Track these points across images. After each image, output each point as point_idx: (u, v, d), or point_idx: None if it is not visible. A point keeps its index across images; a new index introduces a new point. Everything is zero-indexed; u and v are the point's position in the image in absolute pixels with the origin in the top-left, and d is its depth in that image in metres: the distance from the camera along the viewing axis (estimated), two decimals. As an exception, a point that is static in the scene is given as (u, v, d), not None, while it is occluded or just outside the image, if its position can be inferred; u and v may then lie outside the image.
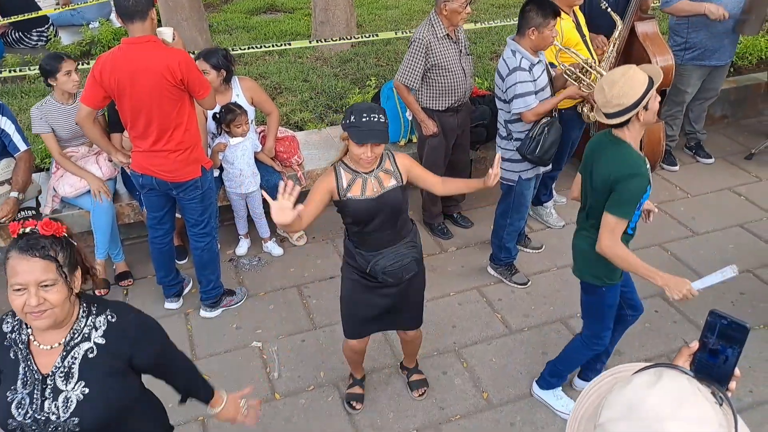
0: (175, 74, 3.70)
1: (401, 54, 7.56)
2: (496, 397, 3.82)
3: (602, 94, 2.96)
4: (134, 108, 3.79)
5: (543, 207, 5.33)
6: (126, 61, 3.70)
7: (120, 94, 3.76)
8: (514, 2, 9.56)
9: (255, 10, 9.71)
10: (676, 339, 4.12)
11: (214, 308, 4.48)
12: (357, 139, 2.91)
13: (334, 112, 6.38)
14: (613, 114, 2.95)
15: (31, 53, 7.66)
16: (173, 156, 3.93)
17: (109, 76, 3.72)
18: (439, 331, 4.30)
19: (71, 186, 4.58)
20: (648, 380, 1.30)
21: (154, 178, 4.00)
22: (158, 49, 3.72)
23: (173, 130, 3.87)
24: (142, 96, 3.73)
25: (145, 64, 3.67)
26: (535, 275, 4.77)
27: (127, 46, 3.73)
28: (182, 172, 3.99)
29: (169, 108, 3.80)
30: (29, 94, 6.63)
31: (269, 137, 5.03)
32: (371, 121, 2.90)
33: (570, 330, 4.26)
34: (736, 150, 6.26)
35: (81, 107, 3.93)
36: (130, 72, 3.69)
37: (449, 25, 4.50)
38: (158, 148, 3.90)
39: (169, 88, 3.73)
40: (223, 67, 4.56)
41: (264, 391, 3.92)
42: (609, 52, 4.71)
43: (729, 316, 1.38)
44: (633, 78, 2.91)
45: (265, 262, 5.04)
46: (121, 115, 3.91)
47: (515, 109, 4.08)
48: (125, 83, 3.71)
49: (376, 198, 3.06)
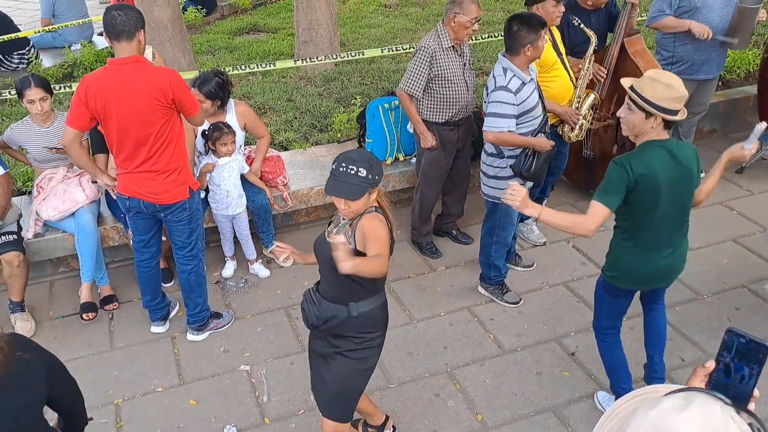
0: (166, 94, 3.64)
1: (386, 72, 7.55)
2: (491, 419, 3.75)
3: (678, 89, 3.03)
4: (121, 129, 3.70)
5: (524, 224, 5.28)
6: (113, 81, 3.62)
7: (107, 115, 3.67)
8: (497, 19, 9.59)
9: (237, 30, 9.67)
10: (672, 356, 4.06)
11: (201, 331, 4.38)
12: (325, 188, 2.75)
13: (319, 131, 6.33)
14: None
15: (12, 76, 7.54)
16: (161, 177, 3.85)
17: (95, 97, 3.63)
18: (430, 352, 4.23)
19: (54, 209, 4.48)
20: (677, 404, 1.21)
21: (141, 200, 3.91)
22: (147, 70, 3.67)
23: (162, 151, 3.79)
24: (129, 117, 3.65)
25: (133, 84, 3.61)
26: (526, 294, 4.71)
27: (114, 66, 3.66)
28: (170, 193, 3.91)
29: (159, 128, 3.73)
30: (10, 117, 6.53)
31: (257, 159, 4.98)
32: (346, 172, 2.68)
33: (564, 349, 4.20)
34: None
35: (67, 130, 3.80)
36: (117, 92, 3.61)
37: (455, 38, 4.47)
38: (146, 169, 3.82)
39: (160, 108, 3.67)
40: (217, 97, 4.50)
41: (253, 416, 3.82)
42: (585, 69, 4.73)
43: (747, 335, 1.32)
44: (673, 91, 3.01)
45: (251, 284, 4.95)
46: (106, 136, 3.82)
47: (486, 126, 4.06)
48: (112, 104, 3.63)
49: (326, 242, 2.87)
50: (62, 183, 4.55)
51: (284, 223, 5.56)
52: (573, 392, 3.86)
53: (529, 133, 4.10)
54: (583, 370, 4.03)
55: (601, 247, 3.69)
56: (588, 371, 4.01)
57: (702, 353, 4.15)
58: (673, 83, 2.98)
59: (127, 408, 3.91)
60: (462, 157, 5.03)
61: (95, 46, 8.51)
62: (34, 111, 4.35)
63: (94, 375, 4.13)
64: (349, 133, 6.11)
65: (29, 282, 4.56)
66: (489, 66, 7.71)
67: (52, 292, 4.90)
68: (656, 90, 2.96)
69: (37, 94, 4.31)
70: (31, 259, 4.58)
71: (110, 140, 3.82)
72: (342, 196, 2.71)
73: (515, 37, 3.96)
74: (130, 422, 3.81)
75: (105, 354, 4.31)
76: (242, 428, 3.74)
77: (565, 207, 5.69)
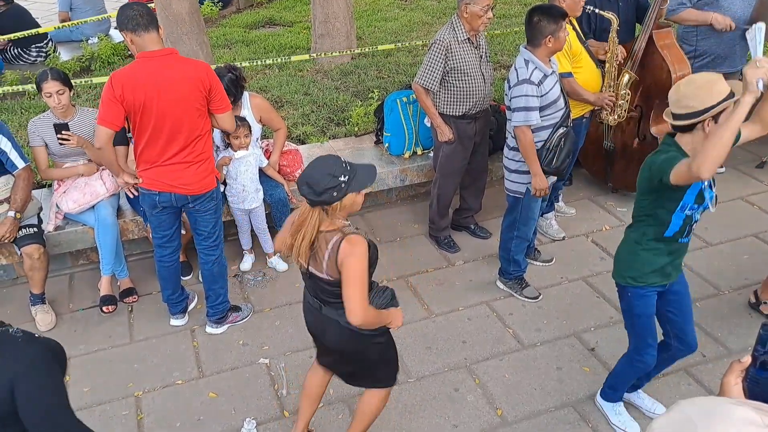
0: (204, 84, 3.70)
1: (402, 66, 7.52)
2: (511, 414, 3.73)
3: (676, 92, 2.83)
4: (158, 121, 3.70)
5: (543, 218, 5.25)
6: (150, 74, 3.63)
7: (146, 109, 3.66)
8: (514, 12, 9.55)
9: (253, 24, 9.67)
10: (695, 354, 4.03)
11: (220, 324, 4.39)
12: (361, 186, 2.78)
13: (336, 125, 6.32)
14: (679, 115, 2.82)
15: (30, 69, 7.59)
16: (194, 168, 3.87)
17: (133, 92, 3.62)
18: (448, 347, 4.22)
19: (74, 202, 4.50)
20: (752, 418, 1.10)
21: (172, 194, 3.92)
22: (183, 60, 3.72)
23: (197, 141, 3.83)
24: (168, 108, 3.66)
25: (172, 75, 3.63)
26: (545, 289, 4.68)
27: (147, 59, 3.65)
28: (201, 183, 3.94)
29: (196, 118, 3.77)
30: (29, 110, 6.56)
31: (275, 151, 4.97)
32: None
33: (584, 344, 4.18)
34: (747, 159, 6.19)
35: (101, 131, 3.73)
36: (157, 84, 3.62)
37: (470, 29, 4.45)
38: (179, 160, 3.83)
39: (199, 98, 3.71)
40: (230, 93, 4.50)
41: (272, 409, 3.83)
42: (612, 52, 4.74)
43: None
44: (712, 85, 2.75)
45: (269, 278, 4.96)
46: (138, 131, 3.78)
47: (515, 121, 4.02)
48: (152, 96, 3.63)
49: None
50: (82, 176, 4.57)
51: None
52: (593, 387, 3.84)
53: (552, 126, 4.07)
54: (603, 366, 4.01)
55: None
56: (608, 366, 3.98)
57: (723, 349, 4.11)
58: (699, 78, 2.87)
59: (147, 400, 3.93)
60: (480, 150, 5.01)
61: (112, 39, 8.54)
62: (52, 104, 4.35)
63: (114, 367, 4.16)
64: (367, 126, 6.10)
65: (49, 275, 4.58)
66: (506, 59, 7.68)
67: (72, 285, 4.92)
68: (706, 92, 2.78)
69: (54, 87, 4.31)
70: (51, 252, 4.61)
71: (142, 134, 3.78)
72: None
73: (536, 28, 3.93)
74: (150, 414, 3.83)
75: (125, 347, 4.33)
76: (262, 421, 3.74)
77: (582, 201, 5.67)
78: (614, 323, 4.31)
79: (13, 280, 4.93)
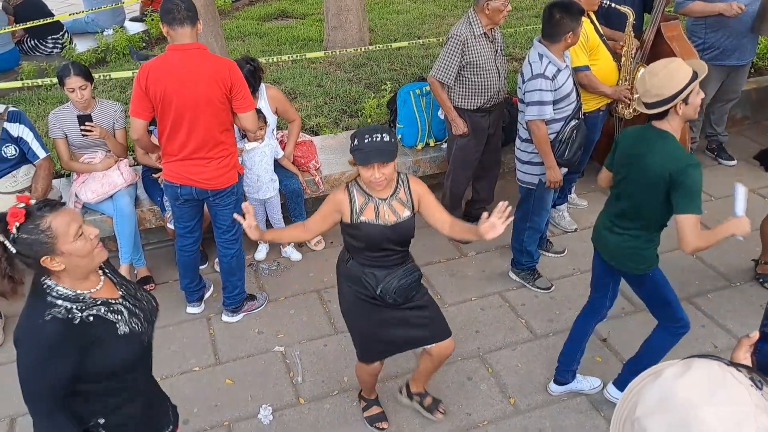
0: (226, 82, 3.71)
1: (415, 58, 7.55)
2: (524, 403, 3.78)
3: (643, 84, 3.00)
4: (178, 115, 3.75)
5: (555, 210, 5.28)
6: (175, 66, 3.67)
7: (166, 101, 3.71)
8: (525, 5, 9.55)
9: (266, 16, 9.72)
10: (705, 343, 4.07)
11: (236, 313, 4.45)
12: (361, 161, 2.86)
13: (349, 116, 6.37)
14: (651, 104, 2.99)
15: (46, 60, 7.67)
16: (215, 163, 3.91)
17: (155, 83, 3.68)
18: (462, 336, 4.26)
19: (93, 192, 4.56)
20: (678, 371, 1.29)
21: (194, 187, 3.97)
22: (209, 56, 3.75)
23: (218, 137, 3.86)
24: (189, 102, 3.70)
25: (196, 69, 3.67)
26: (557, 280, 4.72)
27: (175, 52, 3.70)
28: (223, 178, 3.98)
29: (218, 114, 3.79)
30: (46, 101, 6.64)
31: (290, 143, 5.03)
32: (374, 141, 2.83)
33: (596, 334, 4.21)
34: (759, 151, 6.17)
35: (135, 122, 3.82)
36: (179, 77, 3.67)
37: (489, 23, 4.48)
38: (201, 156, 3.87)
39: (219, 96, 3.73)
40: (249, 84, 4.52)
41: (288, 396, 3.89)
42: (628, 45, 4.77)
43: None
44: (675, 70, 2.94)
45: (284, 267, 5.02)
46: (160, 123, 3.84)
47: (529, 115, 4.05)
48: (173, 89, 3.68)
49: (390, 226, 3.02)
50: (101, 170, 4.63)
51: (315, 207, 5.50)
52: (605, 377, 3.87)
53: (564, 119, 4.10)
54: (615, 356, 4.05)
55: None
56: (620, 357, 4.03)
57: (735, 340, 4.13)
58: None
59: (165, 386, 3.86)
60: (493, 143, 5.04)
61: (127, 31, 8.60)
62: (75, 99, 4.42)
63: (133, 354, 4.22)
64: (380, 118, 6.14)
65: (68, 263, 4.64)
66: (518, 52, 7.69)
67: (90, 273, 4.98)
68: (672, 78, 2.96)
69: (77, 83, 4.37)
70: (70, 241, 4.66)
71: (164, 126, 3.84)
72: (384, 160, 2.84)
73: (557, 24, 3.95)
74: (168, 400, 3.89)
75: (142, 334, 4.39)
76: (278, 408, 3.81)
77: (594, 193, 5.68)
78: (626, 314, 4.35)
79: (31, 268, 5.00)
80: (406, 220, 3.05)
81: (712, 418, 1.19)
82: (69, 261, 2.13)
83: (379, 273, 3.11)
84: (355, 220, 3.01)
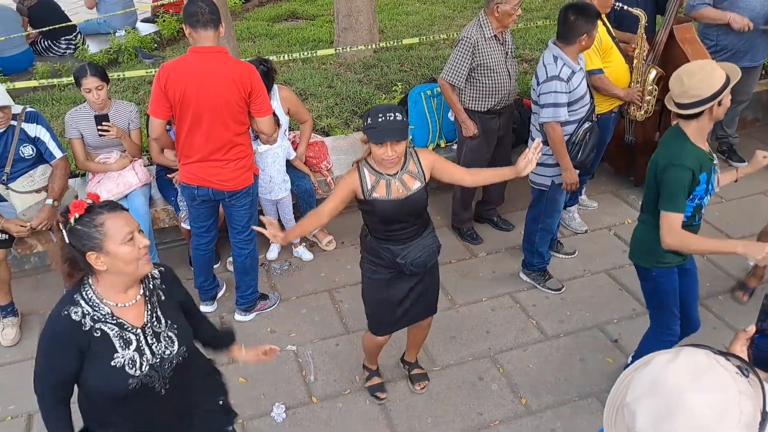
0: (245, 85, 3.74)
1: (425, 59, 7.58)
2: (535, 403, 3.81)
3: (680, 84, 2.98)
4: (196, 116, 3.78)
5: (566, 211, 5.30)
6: (195, 68, 3.71)
7: (185, 102, 3.74)
8: (535, 6, 9.56)
9: (276, 17, 9.76)
10: (716, 345, 4.04)
11: (249, 312, 4.49)
12: (375, 139, 2.95)
13: (359, 117, 6.39)
14: (687, 105, 2.98)
15: (59, 61, 7.73)
16: (232, 165, 3.95)
17: (175, 84, 3.71)
18: (473, 337, 4.29)
19: (108, 192, 4.60)
20: (667, 358, 1.37)
21: (210, 189, 4.01)
22: (229, 59, 3.78)
23: (235, 139, 3.90)
24: (207, 104, 3.74)
25: (216, 72, 3.70)
26: (568, 281, 4.74)
27: (196, 54, 3.73)
28: (239, 180, 4.02)
29: (235, 117, 3.83)
30: (60, 101, 6.69)
31: (302, 143, 5.06)
32: (388, 120, 2.93)
33: (607, 335, 4.24)
34: None
35: (153, 122, 3.87)
36: (199, 79, 3.70)
37: (499, 26, 4.51)
38: (217, 158, 3.91)
39: (237, 99, 3.76)
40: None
41: (301, 394, 3.93)
42: (640, 48, 4.79)
43: None
44: (712, 72, 2.95)
45: (296, 267, 5.05)
46: (178, 124, 3.88)
47: (543, 117, 4.08)
48: (192, 91, 3.71)
49: (402, 200, 3.12)
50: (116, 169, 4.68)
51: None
52: (617, 378, 3.89)
53: (578, 121, 4.12)
54: (626, 358, 4.06)
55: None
56: (631, 358, 4.05)
57: (745, 342, 4.15)
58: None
59: None
60: (503, 144, 5.06)
61: (139, 32, 8.66)
62: (91, 99, 4.46)
63: (147, 352, 4.26)
64: (391, 119, 6.16)
65: (83, 261, 4.68)
66: (528, 53, 7.71)
67: (104, 272, 5.02)
68: (710, 79, 2.96)
69: (93, 83, 4.42)
70: (85, 240, 4.70)
71: (182, 127, 3.87)
72: (398, 139, 2.94)
73: (572, 26, 3.97)
74: (182, 398, 3.93)
75: (156, 332, 4.44)
76: (290, 406, 3.84)
77: (605, 194, 5.71)
78: (637, 315, 4.37)
79: (48, 266, 5.05)
80: (416, 192, 3.15)
81: (696, 403, 1.26)
82: (113, 264, 2.17)
83: (395, 248, 3.24)
84: (368, 197, 3.12)
